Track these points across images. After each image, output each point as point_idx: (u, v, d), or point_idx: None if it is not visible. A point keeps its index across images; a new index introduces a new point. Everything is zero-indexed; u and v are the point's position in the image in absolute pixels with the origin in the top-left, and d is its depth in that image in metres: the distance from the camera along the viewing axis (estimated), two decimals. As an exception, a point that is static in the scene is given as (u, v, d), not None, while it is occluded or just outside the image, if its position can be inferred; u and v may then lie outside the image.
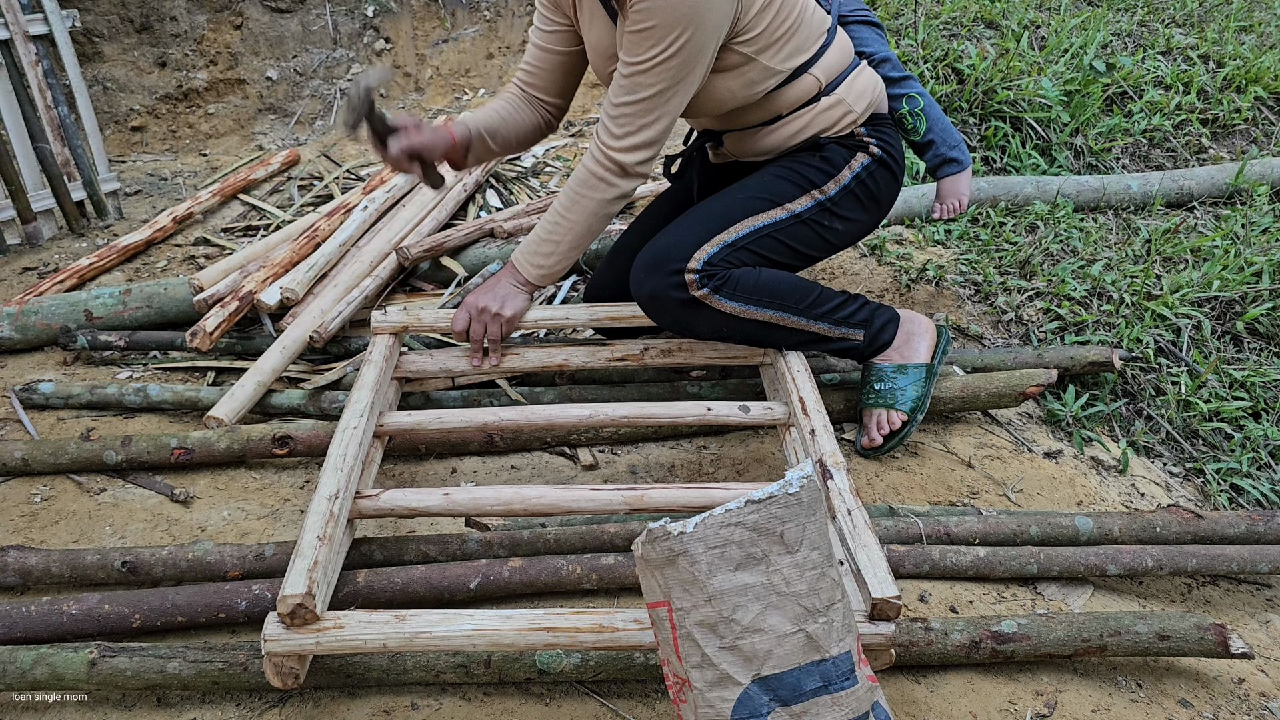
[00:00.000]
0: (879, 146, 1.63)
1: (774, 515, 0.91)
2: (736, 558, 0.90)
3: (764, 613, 0.90)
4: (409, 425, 1.55)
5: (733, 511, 0.91)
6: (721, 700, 0.90)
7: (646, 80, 1.41)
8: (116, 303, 2.08)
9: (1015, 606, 1.39)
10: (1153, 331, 2.06)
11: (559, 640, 1.10)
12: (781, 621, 0.90)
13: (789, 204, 1.58)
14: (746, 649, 0.89)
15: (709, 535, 0.90)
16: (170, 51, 3.75)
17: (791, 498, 0.92)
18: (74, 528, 1.51)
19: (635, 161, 1.48)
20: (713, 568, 0.90)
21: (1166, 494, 1.76)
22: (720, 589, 0.90)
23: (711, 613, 0.90)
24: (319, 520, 1.21)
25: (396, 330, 1.70)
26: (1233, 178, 2.63)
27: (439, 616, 1.12)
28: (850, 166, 1.61)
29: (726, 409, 1.57)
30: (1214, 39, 3.25)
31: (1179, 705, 1.26)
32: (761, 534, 0.91)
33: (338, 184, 3.00)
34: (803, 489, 0.93)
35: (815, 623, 0.91)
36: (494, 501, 1.33)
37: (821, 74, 1.57)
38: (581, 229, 1.54)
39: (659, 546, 0.93)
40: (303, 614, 1.08)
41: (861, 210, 1.65)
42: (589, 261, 2.39)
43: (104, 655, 1.16)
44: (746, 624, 0.89)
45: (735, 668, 0.89)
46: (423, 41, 4.16)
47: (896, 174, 1.68)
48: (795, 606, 0.90)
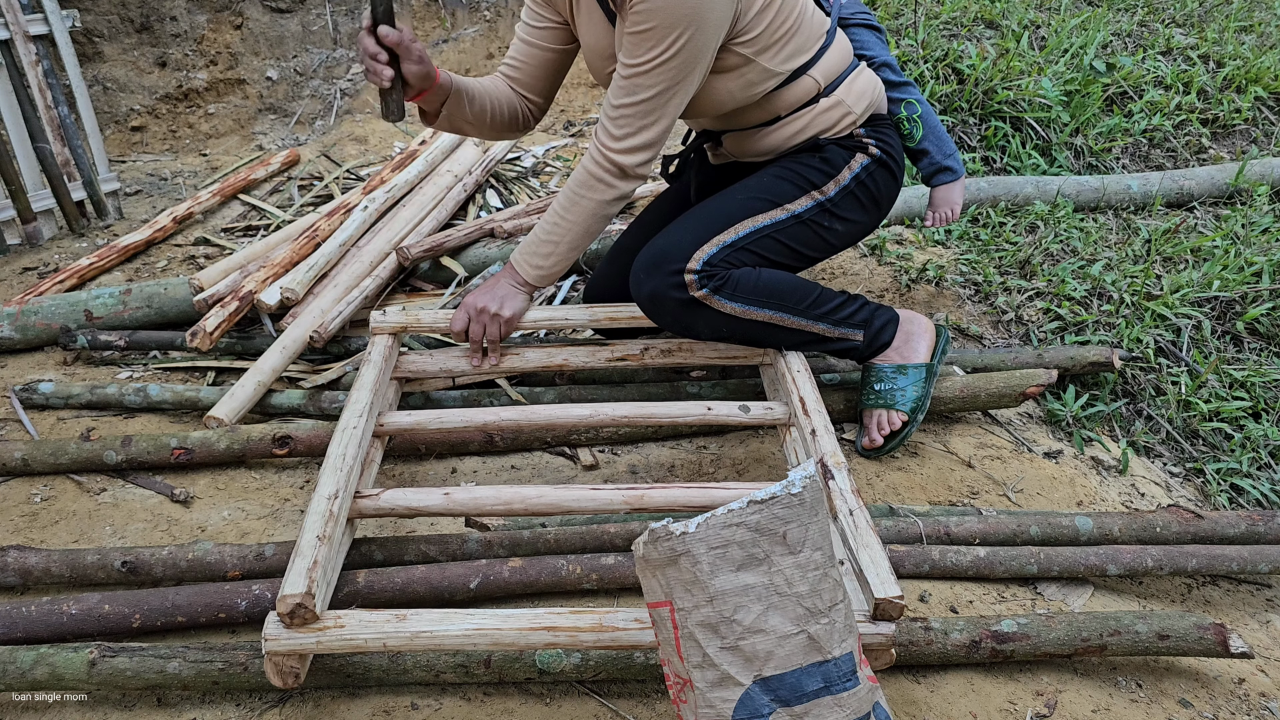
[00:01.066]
0: (878, 147, 1.63)
1: (776, 515, 0.91)
2: (738, 558, 0.90)
3: (766, 613, 0.90)
4: (409, 425, 1.55)
5: (735, 511, 0.90)
6: (722, 701, 0.90)
7: (646, 82, 1.40)
8: (116, 303, 2.08)
9: (1015, 606, 1.39)
10: (1153, 331, 2.06)
11: (559, 640, 1.10)
12: (783, 622, 0.90)
13: (789, 204, 1.58)
14: (748, 649, 0.89)
15: (711, 535, 0.90)
16: (170, 51, 3.75)
17: (794, 498, 0.91)
18: (74, 528, 1.51)
19: (635, 163, 1.48)
20: (715, 568, 0.90)
21: (1166, 494, 1.76)
22: (722, 589, 0.90)
23: (713, 613, 0.90)
24: (318, 520, 1.21)
25: (395, 331, 1.70)
26: (1233, 178, 2.63)
27: (439, 616, 1.12)
28: (850, 167, 1.61)
29: (727, 409, 1.57)
30: (1214, 39, 3.25)
31: (1179, 705, 1.26)
32: (764, 534, 0.91)
33: (338, 184, 3.00)
34: (805, 489, 0.92)
35: (817, 624, 0.91)
36: (494, 501, 1.33)
37: (820, 75, 1.57)
38: (580, 230, 1.54)
39: (661, 546, 0.92)
40: (302, 613, 1.08)
41: (861, 211, 1.65)
42: (589, 261, 2.39)
43: (104, 655, 1.16)
44: (748, 624, 0.89)
45: (736, 668, 0.89)
46: (423, 41, 4.16)
47: (896, 174, 1.68)
48: (797, 607, 0.90)
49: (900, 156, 1.69)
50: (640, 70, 1.40)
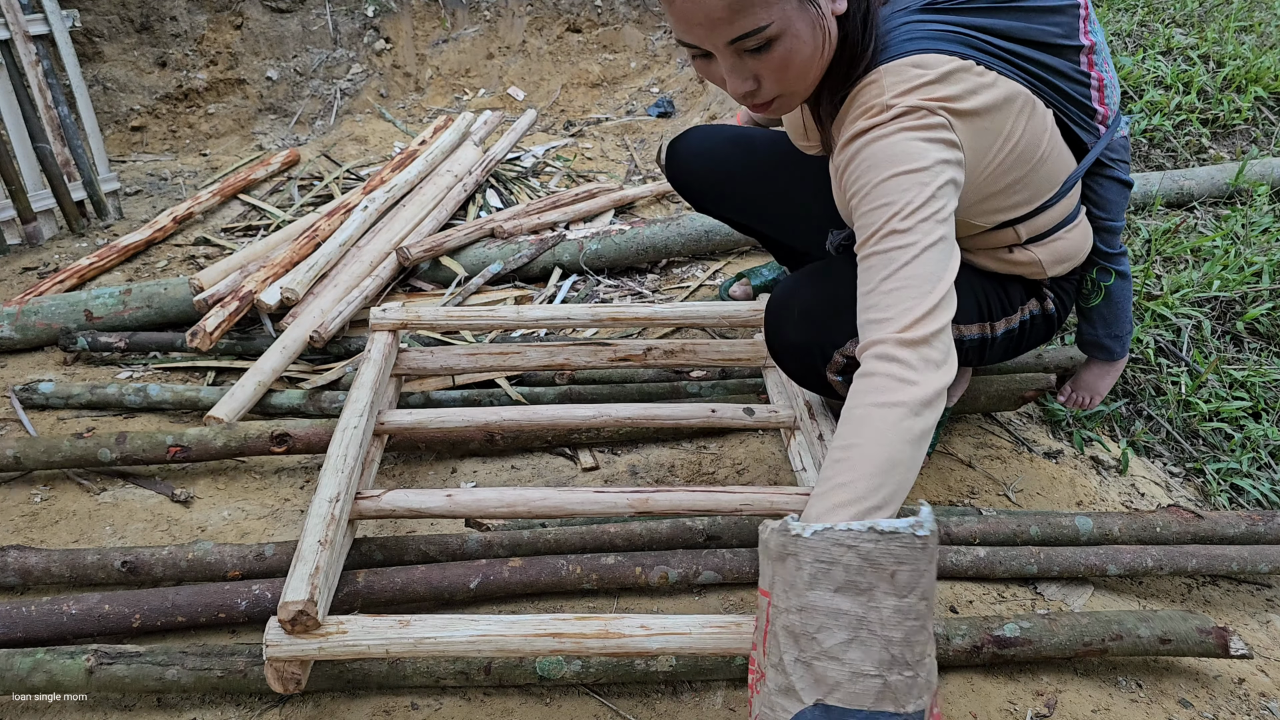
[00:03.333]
0: (1055, 303, 1.44)
1: (890, 552, 0.87)
2: (840, 579, 0.87)
3: (849, 644, 0.86)
4: (410, 424, 1.54)
5: (853, 533, 0.87)
6: (782, 709, 0.87)
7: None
8: (116, 303, 2.08)
9: (1015, 606, 1.39)
10: (1153, 331, 2.06)
11: (565, 646, 1.09)
12: (863, 659, 0.86)
13: (961, 326, 1.37)
14: (819, 671, 0.86)
15: (820, 548, 0.87)
16: (170, 51, 3.75)
17: (917, 540, 0.87)
18: (74, 528, 1.51)
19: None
20: (814, 581, 0.87)
21: (1166, 494, 1.76)
22: (812, 603, 0.87)
23: (798, 622, 0.88)
24: (320, 524, 1.20)
25: (395, 328, 1.70)
26: (1233, 178, 2.63)
27: (443, 622, 1.11)
28: (1022, 311, 1.42)
29: (731, 411, 1.57)
30: (1214, 39, 3.25)
31: (1179, 705, 1.26)
32: (873, 566, 0.87)
33: (338, 184, 3.00)
34: (931, 535, 0.88)
35: (900, 674, 0.87)
36: (498, 503, 1.33)
37: (1025, 231, 1.32)
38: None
39: (775, 539, 0.90)
40: (304, 620, 1.07)
41: (1002, 354, 1.49)
42: (590, 260, 2.39)
43: (101, 663, 1.16)
44: (826, 648, 0.86)
45: (804, 684, 0.87)
46: (423, 41, 4.16)
47: (1053, 331, 1.50)
48: (884, 651, 0.86)
49: (1065, 316, 1.49)
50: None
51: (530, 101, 4.05)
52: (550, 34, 4.23)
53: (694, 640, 1.08)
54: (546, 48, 4.21)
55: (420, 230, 2.42)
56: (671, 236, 2.44)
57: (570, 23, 4.24)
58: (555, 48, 4.22)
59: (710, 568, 1.36)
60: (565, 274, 2.42)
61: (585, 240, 2.41)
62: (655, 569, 1.35)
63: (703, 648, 1.09)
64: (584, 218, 2.67)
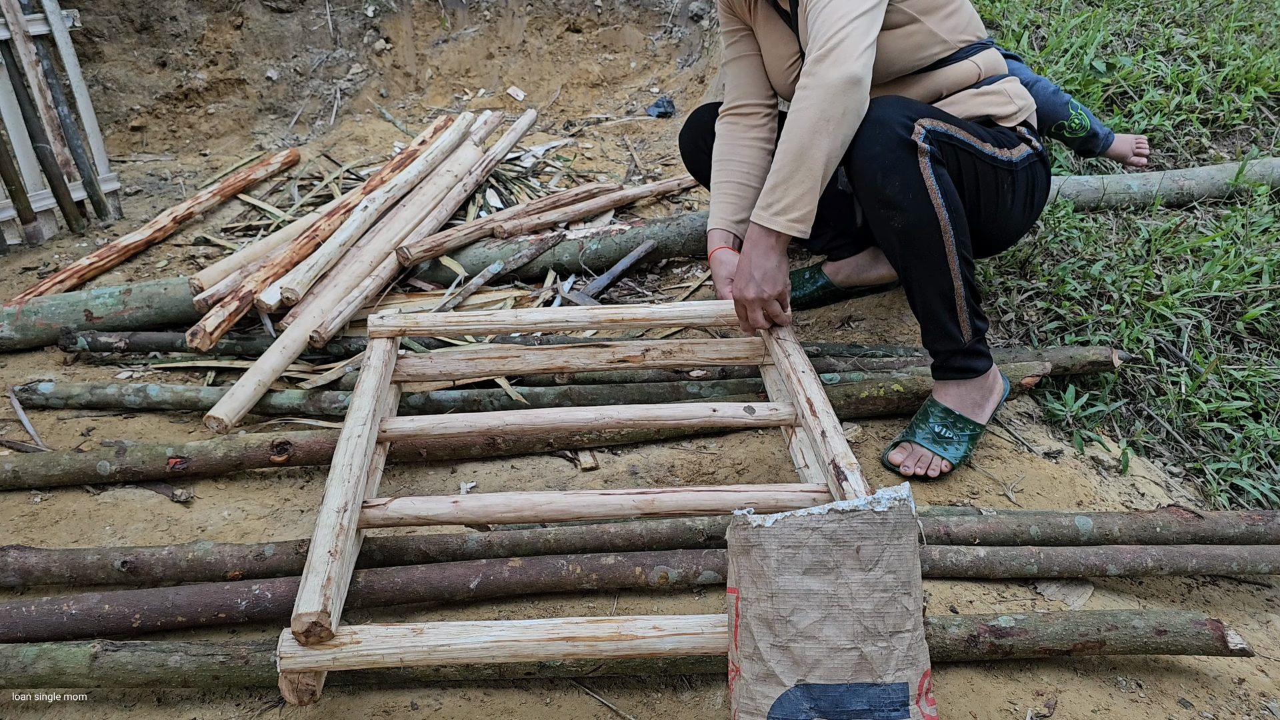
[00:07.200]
0: (1037, 146, 1.65)
1: (853, 529, 0.91)
2: (807, 561, 0.90)
3: (822, 622, 0.90)
4: (412, 431, 1.54)
5: (814, 516, 0.91)
6: (763, 696, 0.90)
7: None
8: (116, 303, 2.08)
9: (1015, 606, 1.39)
10: (1153, 331, 2.06)
11: (579, 650, 1.08)
12: (838, 635, 0.90)
13: (985, 144, 1.58)
14: (797, 652, 0.90)
15: (784, 534, 0.91)
16: (170, 51, 3.75)
17: (876, 515, 0.91)
18: (74, 528, 1.51)
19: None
20: (781, 566, 0.91)
21: (1166, 494, 1.76)
22: (783, 588, 0.90)
23: (770, 609, 0.91)
24: (329, 534, 1.19)
25: (394, 334, 1.70)
26: (1233, 178, 2.63)
27: (457, 629, 1.10)
28: (1019, 149, 1.63)
29: (731, 410, 1.57)
30: (1214, 39, 3.25)
31: (1179, 705, 1.26)
32: (838, 544, 0.91)
33: (338, 184, 3.00)
34: (891, 510, 0.92)
35: (874, 645, 0.90)
36: (504, 508, 1.32)
37: (982, 64, 1.63)
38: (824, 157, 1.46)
39: (737, 534, 0.94)
40: (318, 631, 1.06)
41: (1024, 199, 1.66)
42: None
43: (106, 650, 1.16)
44: (801, 628, 0.90)
45: (783, 668, 0.90)
46: (423, 41, 4.16)
47: (1048, 182, 1.70)
48: (856, 624, 0.90)
49: (1050, 171, 1.71)
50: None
51: (530, 101, 4.05)
52: (550, 34, 4.23)
53: (706, 640, 1.08)
54: (546, 48, 4.21)
55: (420, 230, 2.42)
56: (671, 236, 2.44)
57: (570, 23, 4.24)
58: (555, 48, 4.22)
59: (710, 568, 1.36)
60: (565, 274, 2.42)
61: (585, 240, 2.41)
62: (655, 569, 1.35)
63: (716, 648, 1.08)
64: (584, 218, 2.67)
